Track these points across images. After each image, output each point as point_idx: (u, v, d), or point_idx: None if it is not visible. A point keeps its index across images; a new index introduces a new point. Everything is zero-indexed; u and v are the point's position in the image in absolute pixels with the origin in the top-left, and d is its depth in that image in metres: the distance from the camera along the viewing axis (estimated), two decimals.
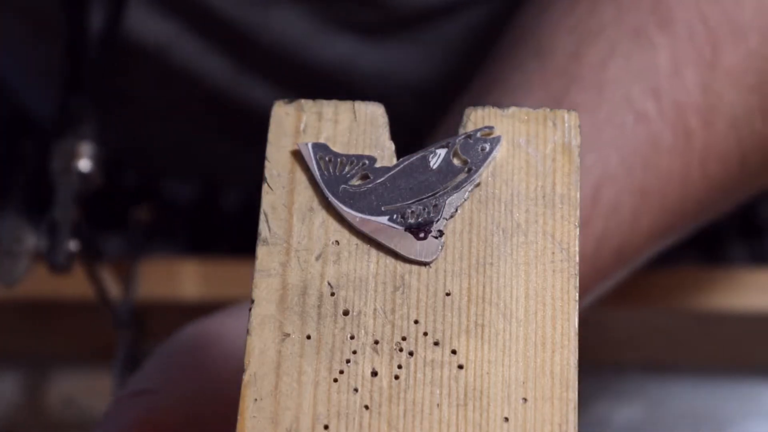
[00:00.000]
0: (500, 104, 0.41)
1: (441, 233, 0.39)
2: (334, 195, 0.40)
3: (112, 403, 0.49)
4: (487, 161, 0.40)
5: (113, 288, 0.65)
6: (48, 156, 0.59)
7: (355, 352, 0.38)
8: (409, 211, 0.40)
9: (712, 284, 0.66)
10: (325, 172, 0.40)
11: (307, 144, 0.40)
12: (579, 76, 0.53)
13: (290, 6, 0.65)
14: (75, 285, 0.65)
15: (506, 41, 0.57)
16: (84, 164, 0.58)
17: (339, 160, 0.40)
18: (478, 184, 0.40)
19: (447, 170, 0.40)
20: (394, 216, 0.40)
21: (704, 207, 0.55)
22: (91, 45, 0.60)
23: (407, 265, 0.39)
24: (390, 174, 0.40)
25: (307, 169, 0.40)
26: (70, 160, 0.58)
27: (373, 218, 0.40)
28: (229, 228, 0.76)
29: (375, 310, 0.39)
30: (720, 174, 0.54)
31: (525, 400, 0.38)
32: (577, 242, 0.39)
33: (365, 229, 0.39)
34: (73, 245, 0.58)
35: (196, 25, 0.67)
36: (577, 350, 0.38)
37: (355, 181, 0.40)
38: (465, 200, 0.40)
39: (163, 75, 0.69)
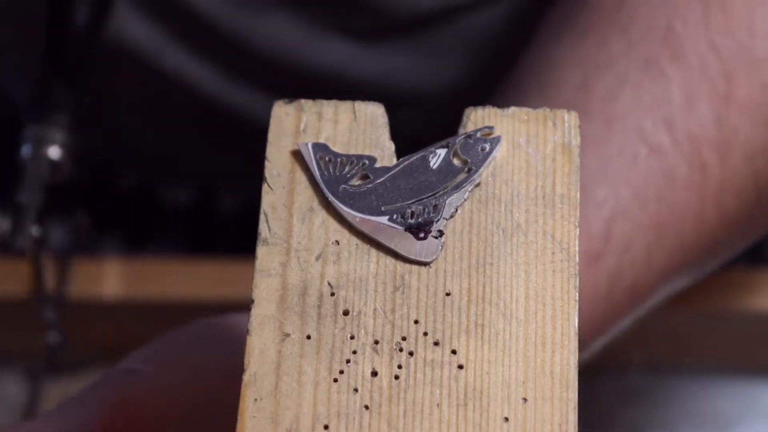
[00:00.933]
0: None
1: (441, 233, 0.39)
2: (334, 195, 0.40)
3: (99, 376, 0.49)
4: (487, 161, 0.40)
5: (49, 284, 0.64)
6: (19, 140, 0.59)
7: (355, 352, 0.38)
8: (409, 211, 0.40)
9: (712, 284, 0.66)
10: (325, 172, 0.40)
11: (307, 144, 0.40)
12: (587, 108, 0.52)
13: (282, 12, 0.65)
14: (76, 285, 0.65)
15: (512, 78, 0.56)
16: (54, 152, 0.58)
17: (339, 160, 0.40)
18: (478, 184, 0.40)
19: (447, 170, 0.40)
20: (394, 216, 0.40)
21: (720, 244, 0.54)
22: (74, 35, 0.60)
23: (407, 265, 0.39)
24: (390, 174, 0.40)
25: (307, 169, 0.40)
26: (41, 146, 0.58)
27: (373, 218, 0.40)
28: (225, 230, 0.76)
29: (375, 310, 0.39)
30: (736, 209, 0.53)
31: (525, 400, 0.38)
32: (577, 242, 0.39)
33: (365, 229, 0.39)
34: (35, 231, 0.58)
35: (186, 30, 0.67)
36: (577, 350, 0.38)
37: (355, 181, 0.40)
38: (465, 200, 0.40)
39: (156, 80, 0.69)
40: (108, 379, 0.47)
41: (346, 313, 0.39)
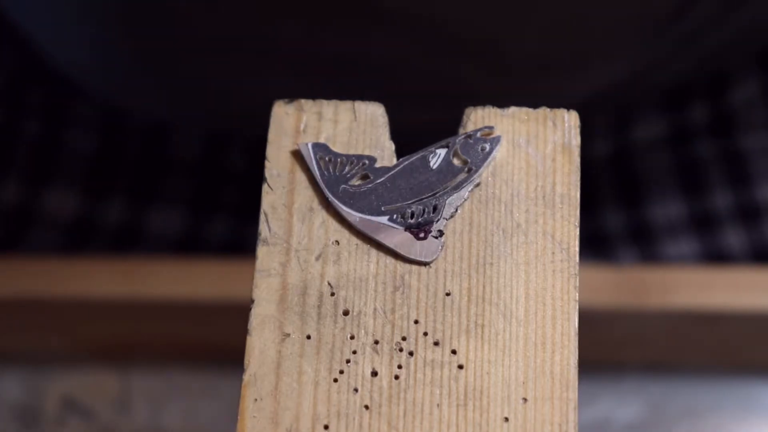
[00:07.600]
0: None
1: (441, 233, 0.39)
2: (334, 195, 0.40)
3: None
4: (487, 161, 0.40)
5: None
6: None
7: (355, 352, 0.38)
8: (409, 211, 0.40)
9: (712, 284, 0.66)
10: (325, 172, 0.40)
11: (307, 144, 0.40)
12: None
13: None
14: (76, 284, 0.65)
15: None
16: None
17: (339, 160, 0.40)
18: (478, 184, 0.40)
19: (447, 170, 0.40)
20: (394, 216, 0.40)
21: None
22: None
23: (407, 265, 0.39)
24: (390, 174, 0.40)
25: (307, 169, 0.40)
26: None
27: (373, 218, 0.40)
28: (233, 185, 0.74)
29: (375, 310, 0.39)
30: None
31: (525, 400, 0.38)
32: (577, 242, 0.39)
33: (365, 229, 0.40)
34: None
35: None
36: (577, 350, 0.38)
37: (355, 181, 0.40)
38: (465, 200, 0.40)
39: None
40: None
41: (346, 313, 0.39)
